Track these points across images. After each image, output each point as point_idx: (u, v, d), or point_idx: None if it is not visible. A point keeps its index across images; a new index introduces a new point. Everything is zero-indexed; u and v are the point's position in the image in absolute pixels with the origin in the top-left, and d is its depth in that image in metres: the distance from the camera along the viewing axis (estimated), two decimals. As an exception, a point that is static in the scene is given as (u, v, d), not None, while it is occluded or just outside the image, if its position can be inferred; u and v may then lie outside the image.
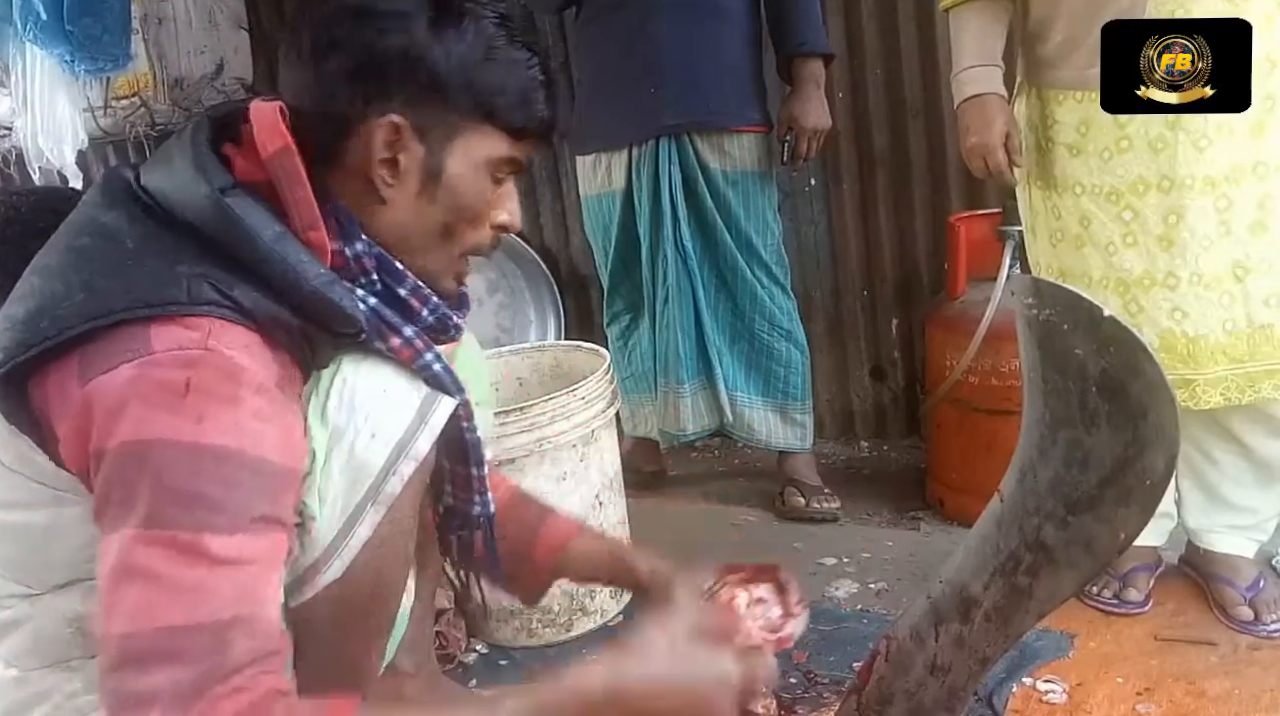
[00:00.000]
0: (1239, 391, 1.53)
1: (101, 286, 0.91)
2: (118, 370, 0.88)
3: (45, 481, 0.96)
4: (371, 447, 1.02)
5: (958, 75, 1.69)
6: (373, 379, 1.03)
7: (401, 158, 1.00)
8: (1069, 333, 1.01)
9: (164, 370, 0.88)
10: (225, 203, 0.94)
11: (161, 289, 0.91)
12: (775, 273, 2.36)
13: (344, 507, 1.02)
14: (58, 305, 0.91)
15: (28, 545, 1.00)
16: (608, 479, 1.93)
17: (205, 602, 0.84)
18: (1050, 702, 1.55)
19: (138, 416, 0.86)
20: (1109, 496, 1.01)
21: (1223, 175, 1.47)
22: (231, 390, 0.89)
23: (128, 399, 0.87)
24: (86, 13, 2.67)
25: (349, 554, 1.03)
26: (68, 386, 0.90)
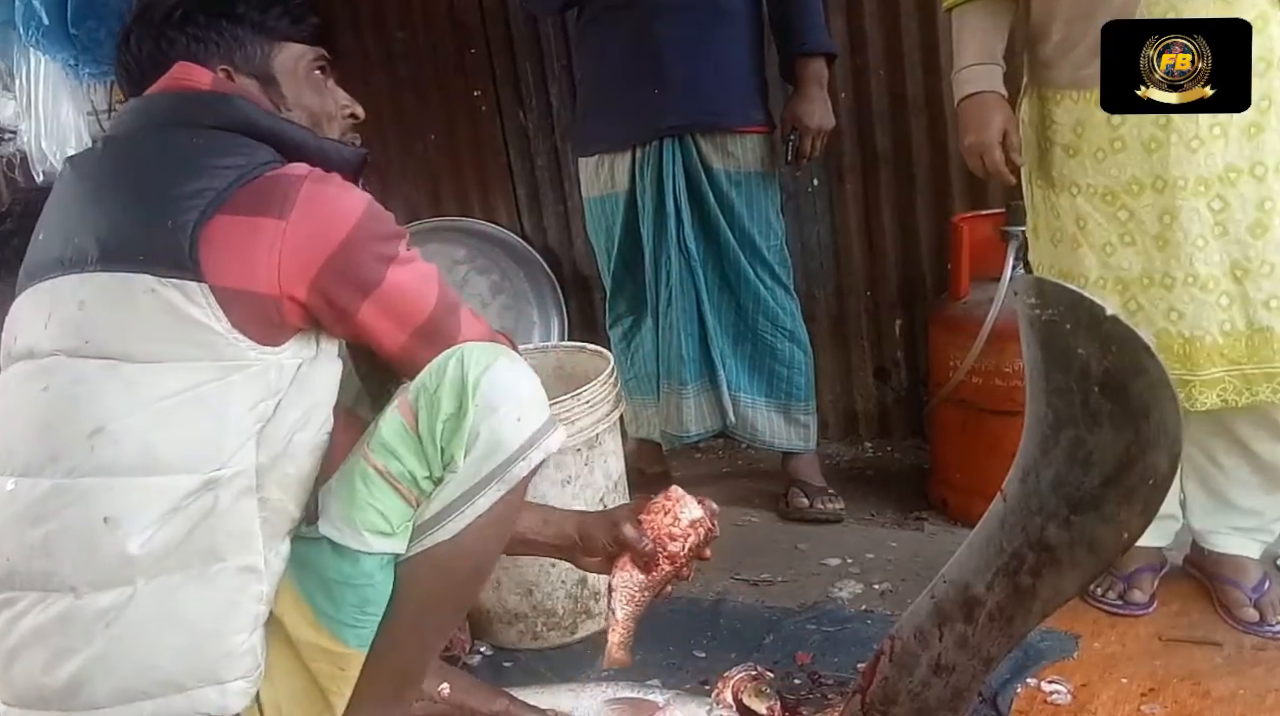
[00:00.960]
0: (1236, 393, 1.53)
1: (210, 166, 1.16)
2: (303, 187, 1.16)
3: (215, 356, 1.12)
4: (517, 429, 1.18)
5: (958, 73, 1.69)
6: (526, 377, 1.22)
7: (249, 89, 1.28)
8: (1071, 332, 1.01)
9: (311, 190, 1.17)
10: (237, 102, 1.24)
11: (255, 155, 1.19)
12: (778, 273, 2.36)
13: (474, 475, 1.17)
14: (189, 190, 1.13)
15: (207, 420, 1.12)
16: (612, 482, 1.93)
17: (437, 277, 1.27)
18: (1055, 703, 1.55)
19: (348, 199, 1.18)
20: (1112, 496, 1.01)
21: (1216, 176, 1.47)
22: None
23: (333, 194, 1.17)
24: (89, 16, 2.68)
25: (463, 520, 1.17)
26: (255, 231, 1.13)
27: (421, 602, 1.21)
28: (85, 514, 1.09)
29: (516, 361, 1.22)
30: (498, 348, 1.23)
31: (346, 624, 1.18)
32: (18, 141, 3.12)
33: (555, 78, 3.04)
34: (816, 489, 2.39)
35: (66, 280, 1.15)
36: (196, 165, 1.16)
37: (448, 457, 1.17)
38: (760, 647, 1.78)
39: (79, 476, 1.10)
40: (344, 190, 1.20)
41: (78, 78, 2.80)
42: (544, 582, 1.87)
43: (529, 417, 1.19)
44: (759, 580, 2.06)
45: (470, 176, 3.26)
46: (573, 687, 1.66)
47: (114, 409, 1.11)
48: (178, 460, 1.11)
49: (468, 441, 1.16)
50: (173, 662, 1.11)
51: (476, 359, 1.18)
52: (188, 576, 1.11)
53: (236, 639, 1.14)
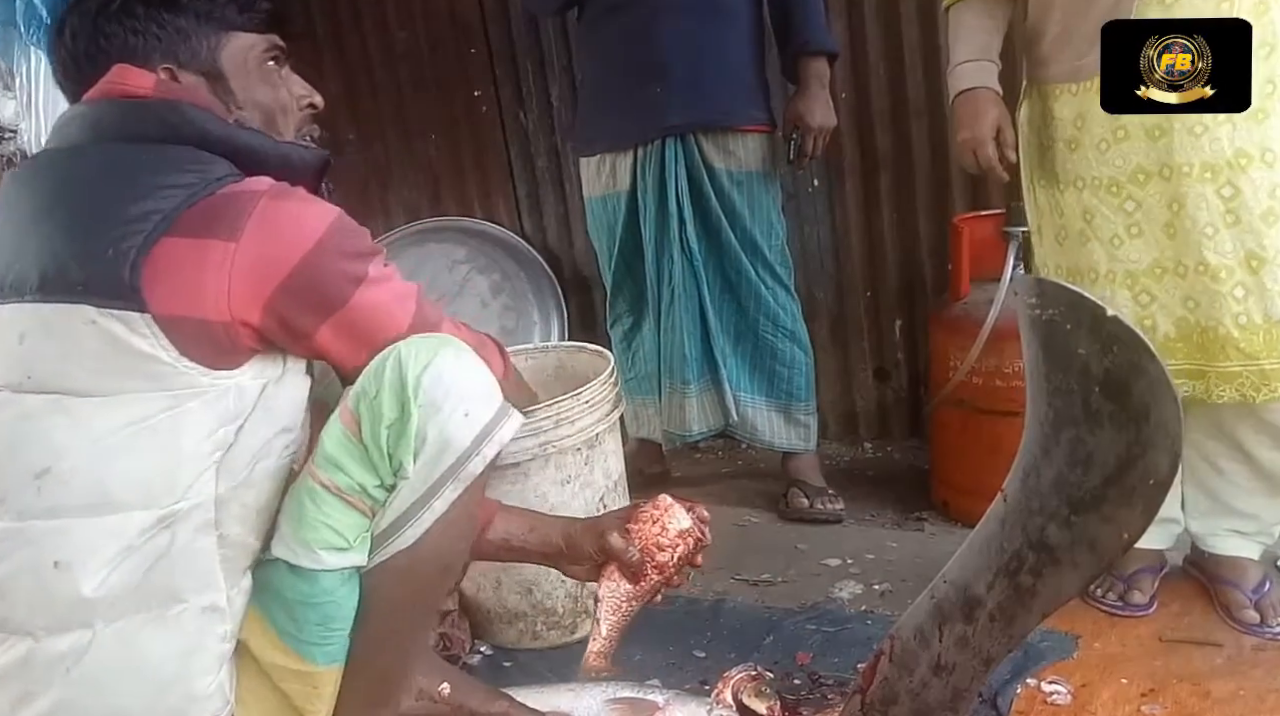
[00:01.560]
0: (1254, 389, 1.49)
1: (169, 182, 1.09)
2: (260, 204, 1.09)
3: (165, 386, 1.06)
4: (464, 425, 1.12)
5: (953, 70, 1.70)
6: (471, 368, 1.16)
7: (196, 90, 1.20)
8: (1072, 332, 1.01)
9: (288, 187, 1.13)
10: (184, 109, 1.16)
11: (206, 168, 1.11)
12: (779, 273, 2.36)
13: (426, 478, 1.11)
14: (134, 205, 1.07)
15: (157, 451, 1.07)
16: (612, 482, 1.93)
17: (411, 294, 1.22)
18: (1055, 704, 1.54)
19: (312, 213, 1.12)
20: (1112, 496, 1.01)
21: (1225, 162, 1.45)
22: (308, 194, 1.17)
23: (293, 211, 1.11)
24: (91, 16, 2.68)
25: (422, 525, 1.12)
26: (203, 254, 1.06)
27: (391, 609, 1.17)
28: (37, 557, 1.05)
29: (461, 353, 1.16)
30: (439, 340, 1.16)
31: (312, 642, 1.15)
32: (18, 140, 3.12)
33: (556, 78, 3.04)
34: (816, 489, 2.39)
35: (6, 309, 1.08)
36: (141, 186, 1.09)
37: (396, 464, 1.12)
38: (760, 648, 1.78)
39: (28, 519, 1.05)
40: (306, 205, 1.13)
41: (78, 77, 2.80)
42: (544, 582, 1.87)
43: (477, 411, 1.13)
44: (759, 580, 2.06)
45: (470, 176, 3.26)
46: (573, 687, 1.66)
47: (60, 447, 1.05)
48: (130, 496, 1.06)
49: (415, 445, 1.10)
50: (138, 708, 1.08)
51: (415, 356, 1.12)
52: (148, 619, 1.08)
53: (202, 681, 1.11)
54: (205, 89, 1.21)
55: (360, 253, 1.15)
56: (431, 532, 1.12)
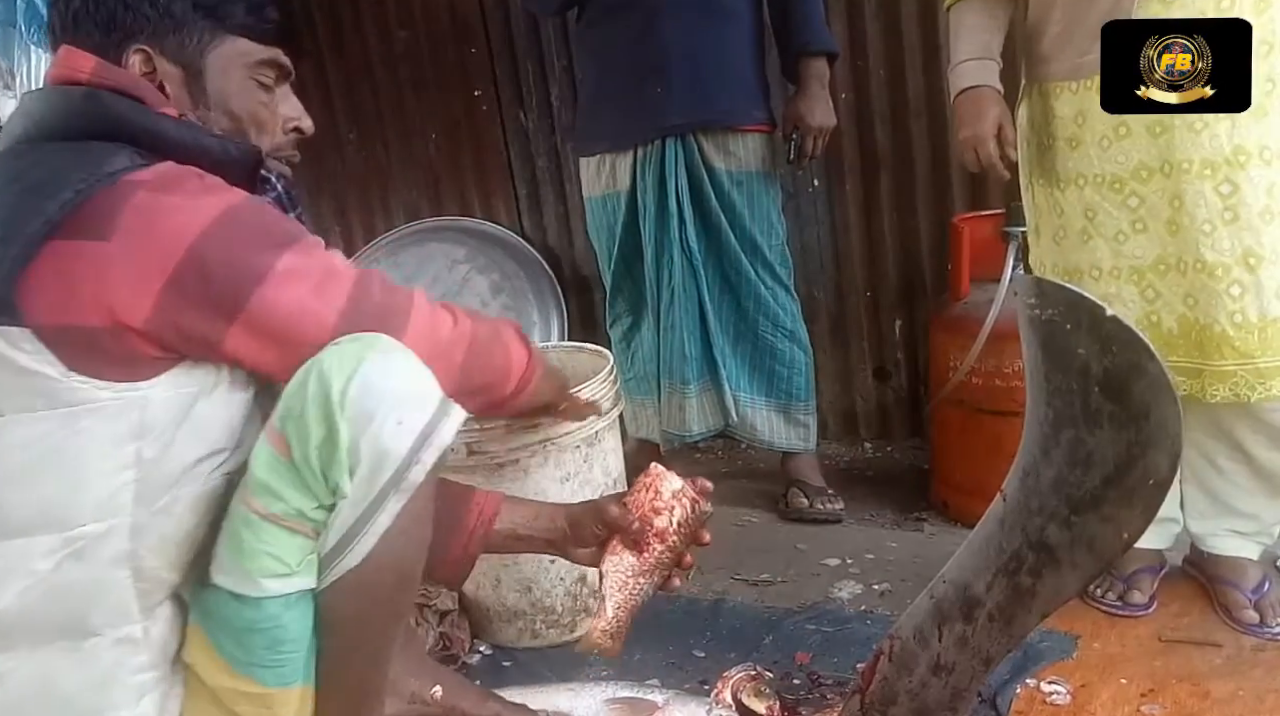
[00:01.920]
0: (1248, 388, 1.49)
1: (48, 182, 1.01)
2: (132, 198, 1.00)
3: (56, 403, 0.99)
4: (398, 434, 1.03)
5: (954, 68, 1.70)
6: (400, 369, 1.06)
7: (165, 83, 1.15)
8: (1071, 332, 1.01)
9: (175, 174, 1.04)
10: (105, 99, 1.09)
11: (102, 163, 1.02)
12: (779, 273, 2.36)
13: (366, 493, 1.04)
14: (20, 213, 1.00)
15: (58, 477, 1.01)
16: (611, 479, 1.93)
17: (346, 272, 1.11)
18: (1054, 704, 1.54)
19: (197, 204, 1.02)
20: (1112, 496, 1.01)
21: (1224, 159, 1.45)
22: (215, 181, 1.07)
23: (172, 203, 1.01)
24: (91, 15, 2.68)
25: (368, 542, 1.05)
26: (75, 262, 0.98)
27: (351, 627, 1.12)
28: None
29: (389, 354, 1.06)
30: (363, 344, 1.06)
31: (262, 666, 1.09)
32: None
33: (556, 77, 3.04)
34: (816, 489, 2.39)
35: None
36: (36, 189, 1.00)
37: (332, 485, 1.04)
38: (760, 647, 1.78)
39: None
40: (195, 196, 1.02)
41: (78, 76, 2.80)
42: (543, 580, 1.87)
43: (410, 416, 1.04)
44: (758, 580, 2.06)
45: (470, 176, 3.26)
46: (571, 687, 1.66)
47: None
48: (31, 520, 1.01)
49: (349, 462, 1.02)
50: None
51: (337, 367, 1.03)
52: (63, 649, 1.05)
53: (121, 714, 1.08)
54: (179, 83, 1.16)
55: (263, 242, 1.04)
56: (380, 547, 1.05)
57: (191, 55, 1.16)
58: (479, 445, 1.74)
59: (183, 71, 1.15)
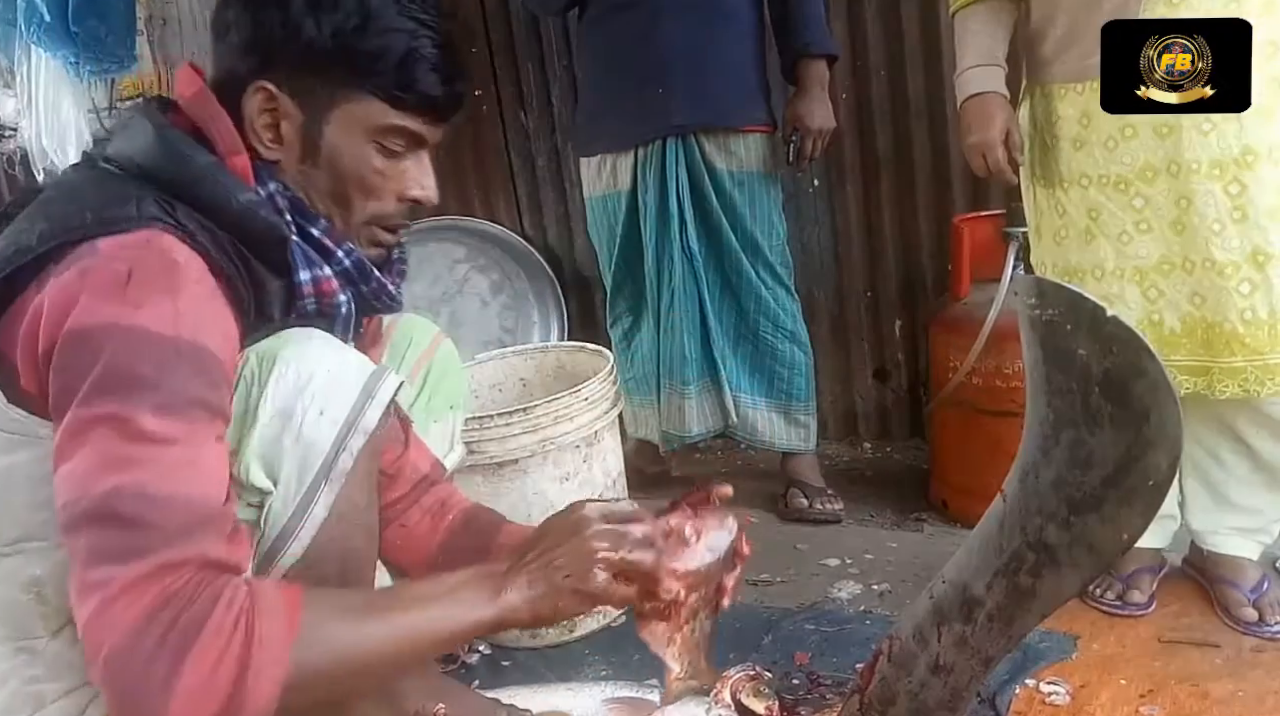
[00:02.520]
0: (1258, 383, 1.50)
1: (60, 214, 0.98)
2: (68, 273, 0.93)
3: (2, 426, 0.98)
4: (320, 425, 1.03)
5: (960, 75, 1.70)
6: (318, 358, 1.04)
7: (283, 124, 1.07)
8: (1072, 333, 1.01)
9: (108, 262, 0.93)
10: (165, 132, 1.03)
11: (112, 208, 0.97)
12: (780, 273, 2.36)
13: (297, 489, 1.03)
14: (19, 238, 0.97)
15: None
16: (611, 480, 1.93)
17: (138, 472, 0.87)
18: (1053, 704, 1.54)
19: (83, 306, 0.91)
20: (1112, 497, 1.01)
21: (1233, 159, 1.46)
22: (170, 281, 0.94)
23: (76, 293, 0.92)
24: (91, 14, 2.68)
25: (307, 535, 1.04)
26: (29, 304, 0.95)
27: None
28: None
29: (302, 343, 1.04)
30: (280, 340, 1.04)
31: None
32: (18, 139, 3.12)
33: (556, 78, 3.04)
34: (816, 489, 2.39)
35: None
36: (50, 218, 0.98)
37: (254, 492, 1.02)
38: (759, 647, 1.78)
39: None
40: (103, 295, 0.91)
41: (78, 75, 2.80)
42: (543, 582, 1.86)
43: (333, 404, 1.03)
44: (758, 580, 2.06)
45: (470, 176, 3.26)
46: (571, 687, 1.66)
47: None
48: None
49: (272, 467, 1.02)
50: None
51: (256, 369, 1.03)
52: None
53: None
54: (296, 128, 1.07)
55: (77, 385, 0.89)
56: (320, 538, 1.04)
57: (318, 104, 1.06)
58: (478, 445, 1.74)
59: (303, 117, 1.07)
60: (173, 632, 0.83)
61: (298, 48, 1.04)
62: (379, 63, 1.05)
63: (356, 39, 1.04)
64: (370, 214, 1.12)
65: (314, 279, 1.08)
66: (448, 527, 1.33)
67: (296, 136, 1.07)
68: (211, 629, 0.84)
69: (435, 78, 1.07)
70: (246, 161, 1.05)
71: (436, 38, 1.07)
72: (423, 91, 1.07)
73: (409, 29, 1.06)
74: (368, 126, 1.07)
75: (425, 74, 1.07)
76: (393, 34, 1.05)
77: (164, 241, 0.96)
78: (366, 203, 1.11)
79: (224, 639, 0.84)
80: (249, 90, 1.05)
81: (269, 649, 0.86)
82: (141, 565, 0.84)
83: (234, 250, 1.02)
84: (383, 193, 1.11)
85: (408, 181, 1.12)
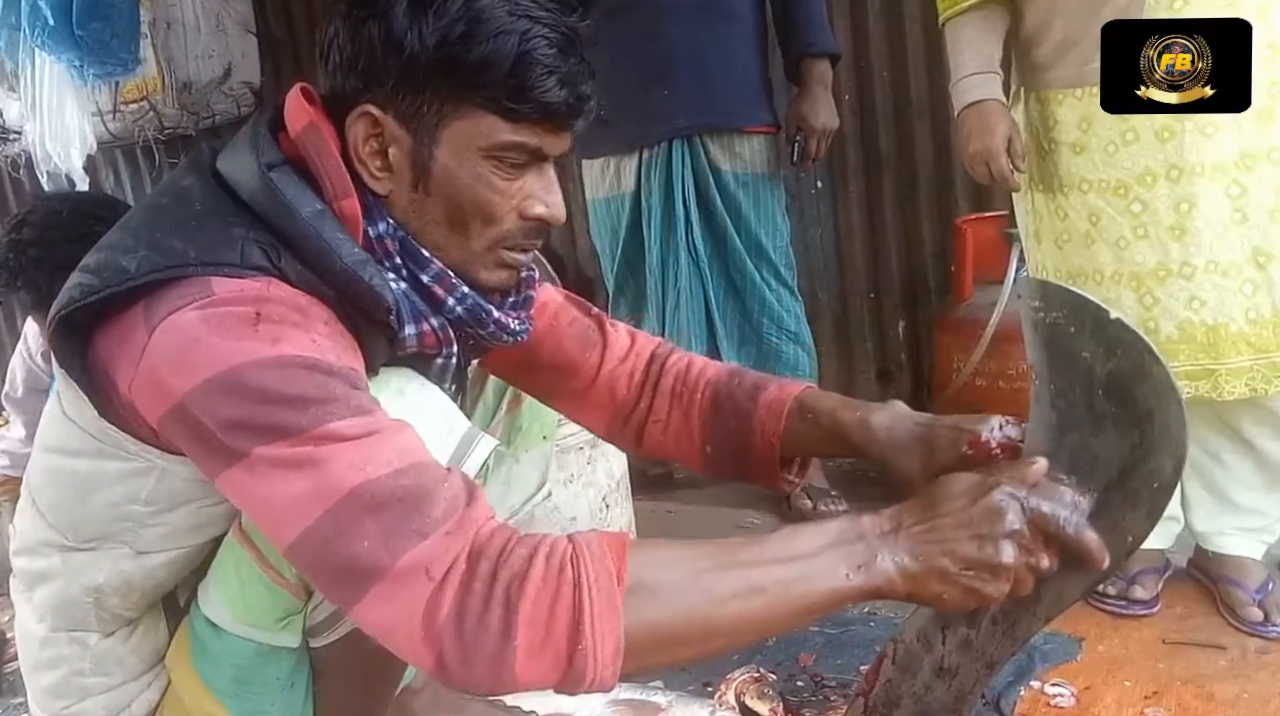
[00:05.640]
0: (1265, 382, 1.51)
1: (164, 243, 0.93)
2: (182, 312, 0.88)
3: (92, 433, 0.99)
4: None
5: (957, 83, 1.69)
6: (410, 413, 0.95)
7: (391, 150, 0.98)
8: (1075, 335, 1.01)
9: (231, 307, 0.89)
10: (269, 176, 0.95)
11: (217, 250, 0.92)
12: (783, 275, 2.36)
13: None
14: (123, 257, 0.93)
15: (70, 491, 1.03)
16: (614, 481, 1.93)
17: (367, 466, 0.83)
18: (1058, 706, 1.54)
19: (215, 351, 0.86)
20: (1116, 499, 1.01)
21: (1232, 161, 1.46)
22: (300, 318, 0.90)
23: (199, 336, 0.87)
24: (95, 18, 2.69)
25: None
26: (132, 331, 0.91)
27: (345, 681, 1.09)
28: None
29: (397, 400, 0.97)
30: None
31: (229, 694, 1.08)
32: (22, 142, 3.13)
33: (559, 79, 3.04)
34: (820, 491, 2.39)
35: None
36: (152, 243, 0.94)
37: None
38: (763, 649, 1.78)
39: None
40: (226, 337, 0.87)
41: (82, 78, 2.81)
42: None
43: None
44: (762, 582, 2.06)
45: (474, 178, 3.25)
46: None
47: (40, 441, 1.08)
48: (47, 511, 1.06)
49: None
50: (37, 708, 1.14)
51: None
52: (38, 633, 1.11)
53: (59, 703, 1.11)
54: (405, 153, 0.98)
55: (254, 420, 0.85)
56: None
57: (427, 124, 0.96)
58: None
59: (412, 141, 0.97)
60: (496, 589, 0.79)
61: (401, 63, 0.94)
62: (487, 72, 0.94)
63: (462, 47, 0.93)
64: (491, 238, 1.01)
65: (419, 333, 1.01)
66: (700, 413, 1.22)
67: (406, 162, 0.98)
68: (535, 580, 0.79)
69: (552, 82, 0.96)
70: (356, 206, 0.97)
71: (553, 36, 0.96)
72: (538, 100, 0.96)
73: (521, 30, 0.94)
74: (481, 144, 0.97)
75: (540, 79, 0.95)
76: (502, 37, 0.93)
77: (283, 288, 0.92)
78: (486, 228, 1.01)
79: (551, 589, 0.79)
80: (352, 115, 0.97)
81: (601, 597, 0.79)
82: (435, 539, 0.81)
83: (338, 303, 0.96)
84: (503, 214, 1.00)
85: (529, 198, 1.01)
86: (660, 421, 1.25)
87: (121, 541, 1.04)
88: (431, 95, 0.95)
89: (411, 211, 1.00)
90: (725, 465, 1.23)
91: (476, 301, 1.03)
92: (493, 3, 0.95)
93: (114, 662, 1.11)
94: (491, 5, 0.94)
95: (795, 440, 1.19)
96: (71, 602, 1.07)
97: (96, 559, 1.05)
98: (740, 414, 1.20)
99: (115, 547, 1.04)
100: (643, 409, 1.26)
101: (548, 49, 0.95)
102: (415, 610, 0.80)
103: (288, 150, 0.99)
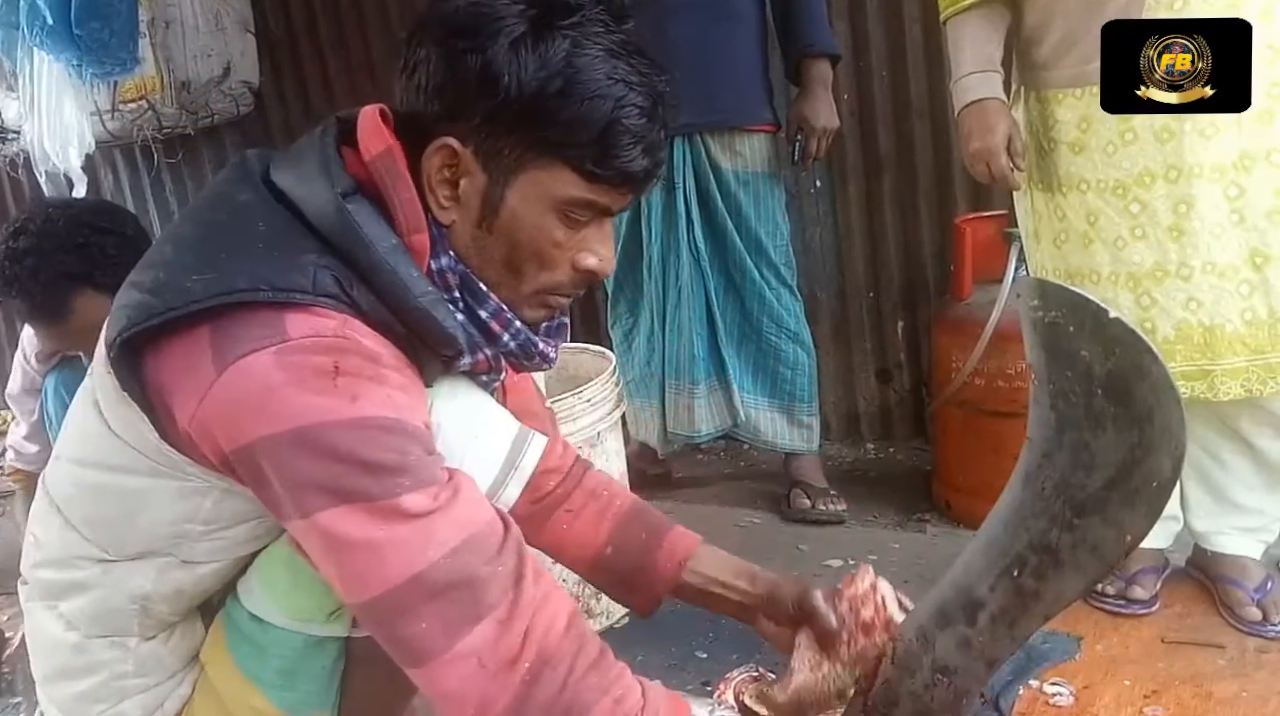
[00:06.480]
0: (1260, 382, 1.52)
1: (230, 266, 0.91)
2: (257, 355, 0.88)
3: (146, 453, 0.98)
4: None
5: (957, 82, 1.69)
6: (464, 420, 1.00)
7: (462, 182, 0.98)
8: (1075, 334, 1.00)
9: (308, 356, 0.88)
10: (346, 208, 0.94)
11: (288, 275, 0.90)
12: (783, 274, 2.37)
13: None
14: (186, 277, 0.91)
15: (117, 508, 1.02)
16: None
17: (428, 548, 0.87)
18: (1057, 705, 1.54)
19: (294, 404, 0.87)
20: (1115, 498, 1.01)
21: (1231, 163, 1.46)
22: (375, 370, 0.91)
23: (277, 386, 0.87)
24: (93, 17, 2.68)
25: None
26: (197, 362, 0.90)
27: (380, 672, 1.07)
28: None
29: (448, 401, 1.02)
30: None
31: (272, 686, 1.08)
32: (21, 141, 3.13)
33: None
34: (819, 490, 2.39)
35: None
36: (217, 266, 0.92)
37: None
38: (762, 649, 1.76)
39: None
40: (302, 389, 0.87)
41: (81, 78, 2.81)
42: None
43: (475, 475, 0.99)
44: (761, 581, 2.06)
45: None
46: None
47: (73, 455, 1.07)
48: (84, 526, 1.04)
49: None
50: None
51: None
52: (81, 635, 1.09)
53: (95, 707, 1.10)
54: (477, 190, 0.97)
55: (329, 484, 0.87)
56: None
57: (504, 166, 0.96)
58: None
59: (486, 178, 0.97)
60: (556, 711, 0.89)
61: (493, 105, 0.93)
62: (576, 132, 0.94)
63: (556, 103, 0.93)
64: (542, 284, 1.02)
65: (474, 362, 1.03)
66: (615, 516, 1.27)
67: (476, 198, 0.98)
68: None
69: (637, 151, 0.96)
70: (426, 241, 0.97)
71: (645, 105, 0.97)
72: (621, 168, 0.96)
73: (616, 95, 0.95)
74: (555, 197, 0.97)
75: (626, 148, 0.96)
76: (597, 101, 0.94)
77: (357, 328, 0.92)
78: (540, 274, 1.01)
79: None
80: (433, 145, 0.96)
81: None
82: (488, 625, 0.88)
83: (405, 337, 0.97)
84: (558, 264, 1.01)
85: (583, 251, 1.02)
86: (572, 511, 1.28)
87: (169, 553, 1.03)
88: (515, 140, 0.95)
89: (473, 246, 1.00)
90: (616, 571, 1.27)
91: (528, 337, 1.06)
92: (593, 62, 0.95)
93: (155, 663, 1.10)
94: (591, 65, 0.95)
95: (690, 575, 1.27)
96: (114, 611, 1.06)
97: (141, 567, 1.04)
98: (653, 530, 1.27)
99: (165, 557, 1.03)
100: (558, 496, 1.28)
101: (638, 118, 0.97)
102: (468, 692, 0.88)
103: (354, 169, 0.98)
